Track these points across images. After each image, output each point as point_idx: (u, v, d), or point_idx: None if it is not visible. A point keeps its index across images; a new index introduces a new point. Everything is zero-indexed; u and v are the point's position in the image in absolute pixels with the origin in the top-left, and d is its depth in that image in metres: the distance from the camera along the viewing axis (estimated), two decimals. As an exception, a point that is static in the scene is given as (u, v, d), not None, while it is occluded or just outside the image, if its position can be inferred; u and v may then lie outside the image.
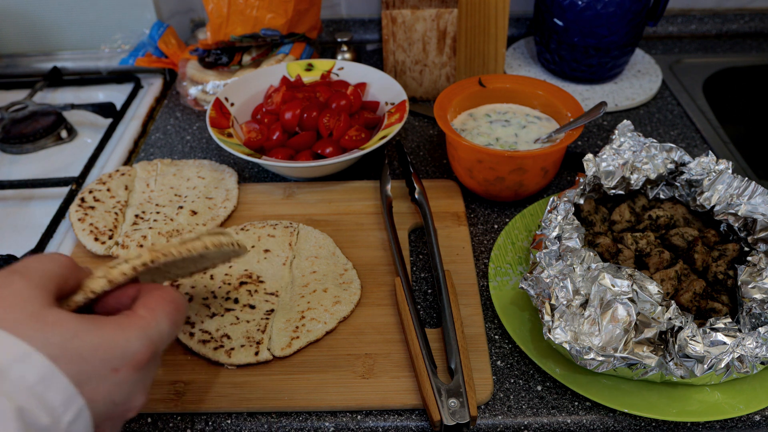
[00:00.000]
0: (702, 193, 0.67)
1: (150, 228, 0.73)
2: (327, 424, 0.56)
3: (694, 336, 0.52)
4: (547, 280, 0.57)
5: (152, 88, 1.06)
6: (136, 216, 0.75)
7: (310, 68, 0.93)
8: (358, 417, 0.57)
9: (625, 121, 0.72)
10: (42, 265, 0.41)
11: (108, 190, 0.78)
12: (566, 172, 0.84)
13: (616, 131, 0.71)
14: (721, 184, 0.66)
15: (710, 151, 0.69)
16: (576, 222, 0.62)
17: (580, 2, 0.92)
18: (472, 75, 0.98)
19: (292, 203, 0.78)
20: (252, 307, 0.64)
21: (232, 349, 0.60)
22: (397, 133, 0.91)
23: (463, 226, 0.74)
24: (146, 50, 1.04)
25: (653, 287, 0.54)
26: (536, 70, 1.05)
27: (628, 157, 0.69)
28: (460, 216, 0.76)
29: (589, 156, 0.69)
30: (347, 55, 1.09)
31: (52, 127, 0.94)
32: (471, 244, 0.72)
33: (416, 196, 0.75)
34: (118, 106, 0.99)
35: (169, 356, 0.61)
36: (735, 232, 0.65)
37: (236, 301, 0.65)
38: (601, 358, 0.52)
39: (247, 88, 0.89)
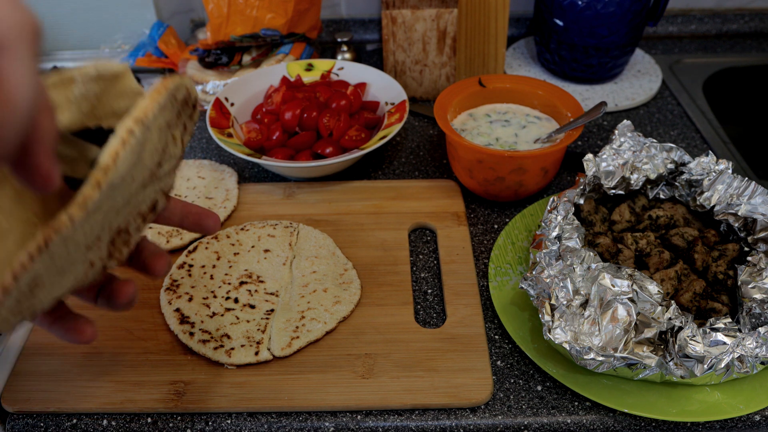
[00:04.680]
0: (702, 193, 0.67)
1: (150, 228, 0.73)
2: (327, 424, 0.56)
3: (694, 336, 0.52)
4: (547, 280, 0.57)
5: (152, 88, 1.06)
6: (136, 216, 0.75)
7: (310, 68, 0.93)
8: (358, 417, 0.57)
9: (625, 121, 0.72)
10: None
11: (108, 190, 0.78)
12: (566, 172, 0.84)
13: (616, 131, 0.71)
14: (721, 184, 0.66)
15: (710, 151, 0.69)
16: (576, 222, 0.62)
17: (580, 2, 0.92)
18: (472, 75, 0.98)
19: (292, 203, 0.78)
20: (252, 306, 0.64)
21: (232, 349, 0.60)
22: (397, 133, 0.91)
23: (463, 226, 0.74)
24: (146, 50, 1.04)
25: (653, 287, 0.54)
26: (536, 70, 1.05)
27: (628, 157, 0.69)
28: (460, 216, 0.76)
29: (589, 156, 0.69)
30: (347, 55, 1.09)
31: (52, 127, 0.94)
32: (471, 244, 0.72)
33: None
34: (118, 106, 0.99)
35: (169, 356, 0.61)
36: (735, 232, 0.65)
37: (236, 300, 0.65)
38: (601, 358, 0.52)
39: (247, 88, 0.89)
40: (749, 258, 0.60)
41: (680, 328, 0.52)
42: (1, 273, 0.34)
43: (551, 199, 0.65)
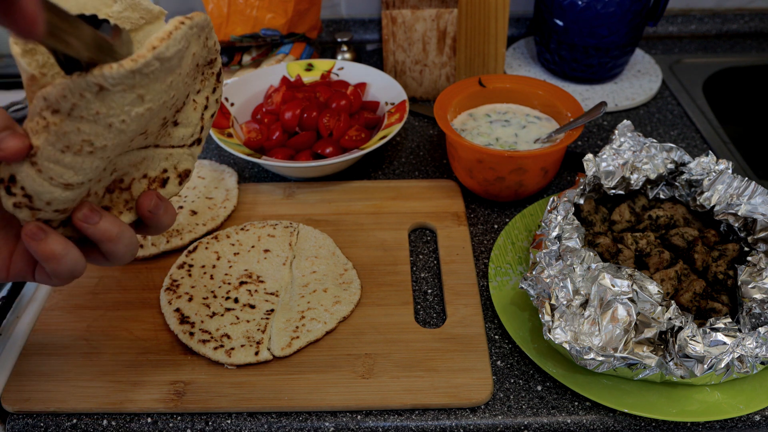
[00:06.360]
0: (702, 193, 0.67)
1: (150, 228, 0.73)
2: (327, 424, 0.56)
3: (694, 336, 0.52)
4: (547, 280, 0.57)
5: (152, 88, 1.06)
6: (136, 216, 0.75)
7: (310, 68, 0.93)
8: (358, 417, 0.57)
9: (625, 121, 0.72)
10: None
11: (108, 190, 0.78)
12: (566, 172, 0.84)
13: (616, 131, 0.71)
14: (721, 184, 0.66)
15: (710, 151, 0.69)
16: (576, 222, 0.62)
17: (580, 2, 0.92)
18: (472, 75, 0.98)
19: (292, 203, 0.78)
20: (252, 306, 0.64)
21: (232, 348, 0.60)
22: (397, 133, 0.91)
23: (463, 226, 0.74)
24: (146, 50, 1.04)
25: (653, 287, 0.54)
26: (536, 70, 1.05)
27: (628, 157, 0.69)
28: (460, 216, 0.76)
29: (589, 156, 0.69)
30: (347, 55, 1.09)
31: (52, 127, 0.94)
32: (471, 244, 0.72)
33: None
34: (118, 106, 0.99)
35: (169, 356, 0.61)
36: (735, 232, 0.65)
37: (236, 300, 0.65)
38: (601, 358, 0.52)
39: (247, 88, 0.89)
40: (749, 258, 0.60)
41: (680, 328, 0.52)
42: None
43: (551, 199, 0.65)
